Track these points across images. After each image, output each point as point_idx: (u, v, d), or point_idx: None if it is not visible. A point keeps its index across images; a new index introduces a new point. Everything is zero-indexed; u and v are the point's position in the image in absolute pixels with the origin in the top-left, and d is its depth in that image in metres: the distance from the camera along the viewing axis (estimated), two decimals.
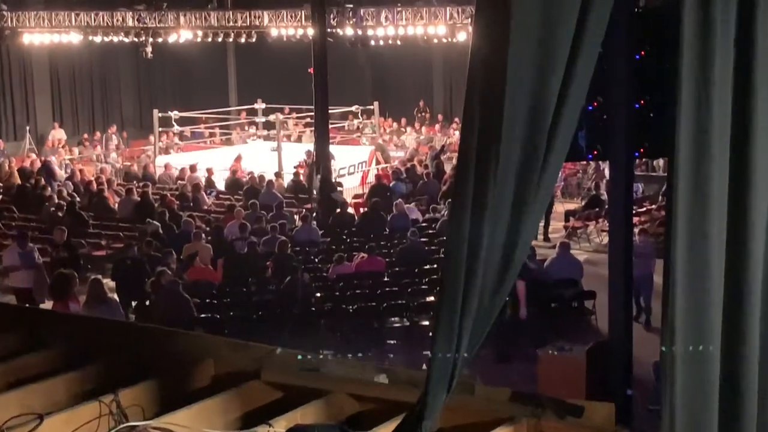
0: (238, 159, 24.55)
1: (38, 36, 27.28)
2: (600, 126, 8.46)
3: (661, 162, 22.10)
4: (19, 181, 22.47)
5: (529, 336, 13.09)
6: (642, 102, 8.38)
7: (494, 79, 3.36)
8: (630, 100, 8.45)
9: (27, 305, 12.82)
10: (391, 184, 21.51)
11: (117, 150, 29.54)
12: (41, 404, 4.69)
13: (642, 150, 9.04)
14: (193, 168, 23.19)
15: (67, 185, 21.63)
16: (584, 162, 21.38)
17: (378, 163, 26.18)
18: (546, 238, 18.94)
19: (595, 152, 8.82)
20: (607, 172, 16.71)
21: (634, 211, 13.12)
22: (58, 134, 29.79)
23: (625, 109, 8.49)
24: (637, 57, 8.36)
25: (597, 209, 19.63)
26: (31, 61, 30.98)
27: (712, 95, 3.17)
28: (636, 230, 14.61)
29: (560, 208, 21.11)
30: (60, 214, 18.57)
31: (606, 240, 15.80)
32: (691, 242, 3.19)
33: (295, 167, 23.78)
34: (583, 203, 21.06)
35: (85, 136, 30.63)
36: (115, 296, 13.40)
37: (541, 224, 18.66)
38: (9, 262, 14.53)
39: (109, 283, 13.80)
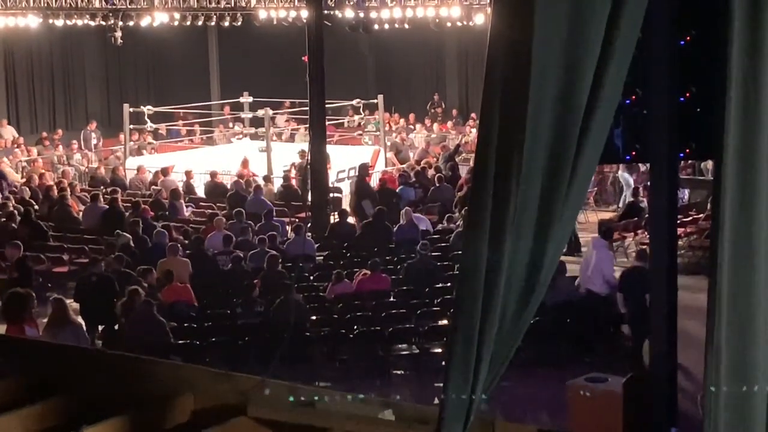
0: (245, 164, 24.34)
1: None
2: (639, 123, 8.45)
3: (710, 164, 22.08)
4: None
5: (558, 365, 13.08)
6: (687, 95, 8.37)
7: (517, 68, 3.36)
8: (673, 92, 8.44)
9: None
10: (397, 190, 21.51)
11: (96, 150, 29.54)
12: None
13: (688, 150, 9.01)
14: (168, 171, 23.23)
15: (24, 191, 21.66)
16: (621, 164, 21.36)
17: (393, 165, 26.22)
18: (576, 252, 18.89)
19: (634, 153, 8.80)
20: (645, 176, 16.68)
21: (678, 221, 13.10)
22: (7, 132, 29.81)
23: (667, 103, 8.48)
24: (682, 43, 8.36)
25: (636, 219, 19.61)
26: None
27: (762, 88, 3.17)
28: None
29: (593, 217, 21.10)
30: (14, 224, 18.59)
31: None
32: (737, 262, 3.18)
33: (285, 170, 23.78)
34: (620, 212, 21.04)
35: (44, 134, 30.68)
36: (80, 319, 13.42)
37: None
38: None
39: (72, 304, 13.81)
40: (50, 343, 10.22)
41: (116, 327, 13.88)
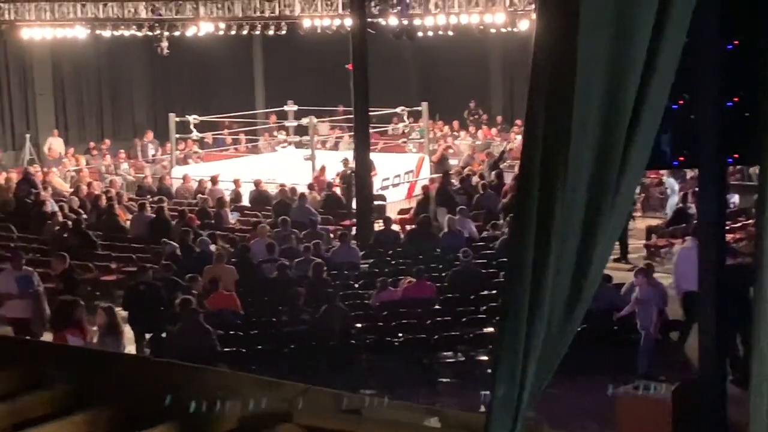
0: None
1: (39, 30, 27.70)
2: (686, 128, 8.39)
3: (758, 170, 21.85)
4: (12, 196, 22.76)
5: (606, 373, 13.00)
6: (736, 99, 8.30)
7: (562, 74, 3.35)
8: (721, 97, 8.37)
9: (27, 338, 12.99)
10: None
11: (154, 161, 29.72)
12: None
13: (736, 155, 8.94)
14: (214, 180, 23.38)
15: (72, 200, 21.88)
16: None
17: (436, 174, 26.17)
18: (624, 260, 18.80)
19: (681, 158, 8.74)
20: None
21: (727, 227, 12.98)
22: (56, 143, 30.14)
23: (715, 107, 8.41)
24: (730, 47, 8.28)
25: (684, 225, 19.45)
26: (31, 59, 31.46)
27: None
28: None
29: (641, 224, 20.96)
30: (64, 234, 18.80)
31: None
32: None
33: (330, 179, 23.85)
34: (668, 218, 20.88)
35: (92, 144, 30.97)
36: (127, 327, 13.54)
37: (617, 243, 18.54)
38: (3, 288, 14.67)
39: (120, 312, 13.93)
40: (97, 350, 10.32)
41: (163, 335, 13.98)
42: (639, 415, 10.18)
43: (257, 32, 27.33)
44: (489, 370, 3.65)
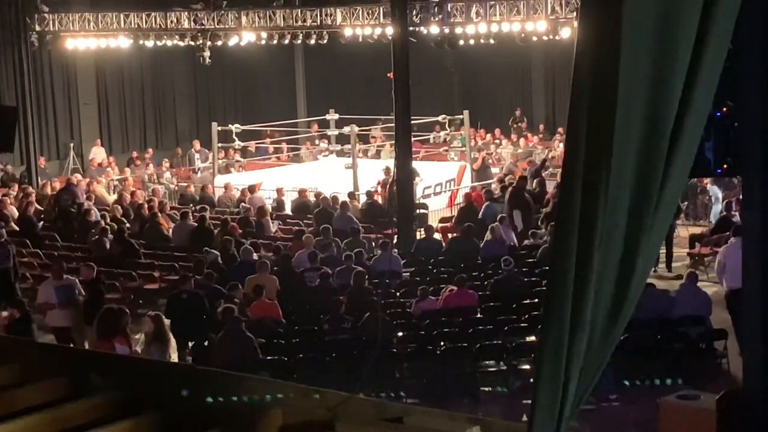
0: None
1: (83, 40, 28.01)
2: (730, 135, 8.33)
3: None
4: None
5: (649, 381, 12.92)
6: None
7: (604, 82, 3.34)
8: (766, 104, 8.30)
9: (70, 346, 13.13)
10: (483, 206, 21.44)
11: (200, 171, 29.85)
12: None
13: None
14: (255, 188, 23.48)
15: (116, 209, 22.06)
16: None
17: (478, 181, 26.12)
18: (668, 268, 18.67)
19: (725, 166, 8.67)
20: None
21: None
22: (99, 152, 30.42)
23: (760, 115, 8.35)
24: None
25: (727, 233, 19.28)
26: (75, 68, 31.78)
27: None
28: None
29: (684, 232, 20.80)
30: (108, 242, 18.97)
31: None
32: None
33: (372, 187, 23.86)
34: (712, 226, 20.70)
35: (135, 153, 31.24)
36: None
37: (662, 251, 18.41)
38: (44, 298, 14.85)
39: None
40: (141, 358, 10.40)
41: (206, 343, 14.05)
42: (684, 425, 10.10)
43: (299, 41, 27.44)
44: (531, 380, 3.65)
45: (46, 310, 14.89)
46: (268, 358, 13.29)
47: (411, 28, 22.23)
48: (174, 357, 13.72)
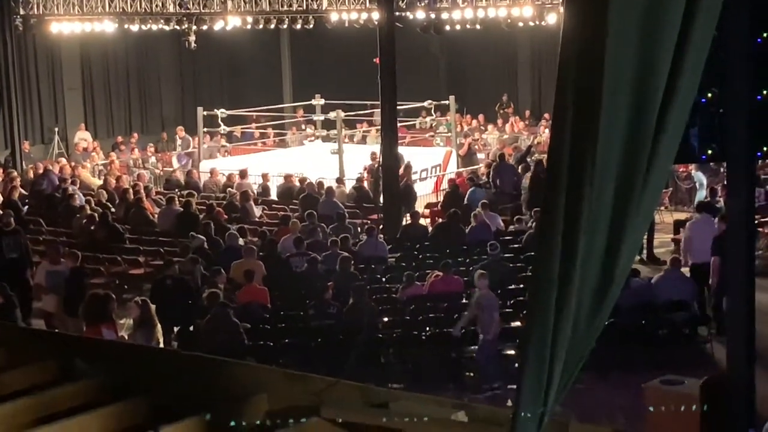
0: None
1: (68, 24, 27.84)
2: (715, 122, 8.35)
3: None
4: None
5: (633, 367, 12.97)
6: (765, 93, 8.25)
7: (590, 68, 3.34)
8: (751, 90, 8.33)
9: (56, 331, 13.11)
10: (469, 191, 21.46)
11: (187, 155, 29.68)
12: None
13: (765, 149, 8.89)
14: (243, 174, 23.44)
15: (101, 194, 22.00)
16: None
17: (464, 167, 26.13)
18: (650, 257, 18.67)
19: (710, 152, 8.70)
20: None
21: (756, 221, 12.92)
22: (83, 136, 30.32)
23: (744, 101, 8.37)
24: (759, 40, 8.24)
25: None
26: (60, 52, 31.66)
27: None
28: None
29: (668, 218, 20.85)
30: (92, 227, 18.91)
31: None
32: None
33: (359, 173, 23.84)
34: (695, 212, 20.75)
35: (120, 138, 31.13)
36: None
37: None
38: (38, 281, 14.83)
39: None
40: (127, 344, 10.39)
41: (191, 328, 14.04)
42: (668, 410, 10.13)
43: (284, 26, 27.38)
44: (516, 365, 3.66)
45: (40, 294, 14.86)
46: (254, 343, 13.29)
47: (397, 14, 22.19)
48: (161, 342, 13.70)
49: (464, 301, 14.80)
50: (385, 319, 14.17)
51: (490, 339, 13.30)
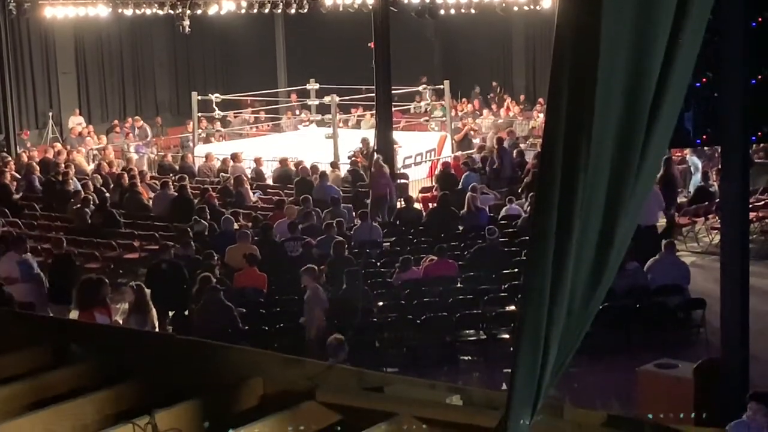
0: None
1: (62, 9, 27.75)
2: (710, 106, 8.36)
3: None
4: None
5: (627, 350, 13.00)
6: (759, 77, 8.26)
7: (585, 51, 3.33)
8: (745, 75, 8.33)
9: (51, 315, 13.07)
10: (463, 175, 21.45)
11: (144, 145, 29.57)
12: (68, 426, 4.79)
13: (760, 134, 8.90)
14: (235, 157, 23.40)
15: (95, 179, 21.96)
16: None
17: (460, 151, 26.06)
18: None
19: (705, 136, 8.71)
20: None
21: (750, 205, 12.93)
22: (77, 121, 30.24)
23: (739, 86, 8.37)
24: (754, 24, 8.23)
25: (706, 203, 19.37)
26: (53, 37, 31.55)
27: None
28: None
29: None
30: (88, 212, 18.88)
31: (717, 240, 15.60)
32: None
33: (350, 156, 23.79)
34: (690, 196, 20.78)
35: (115, 122, 31.06)
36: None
37: None
38: (6, 272, 14.62)
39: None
40: (122, 328, 10.39)
41: (186, 312, 14.04)
42: (661, 393, 10.17)
43: (279, 10, 27.29)
44: (511, 348, 3.66)
45: (8, 284, 14.75)
46: (249, 327, 13.29)
47: None
48: (156, 327, 13.70)
49: (459, 285, 14.83)
50: (380, 304, 14.18)
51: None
